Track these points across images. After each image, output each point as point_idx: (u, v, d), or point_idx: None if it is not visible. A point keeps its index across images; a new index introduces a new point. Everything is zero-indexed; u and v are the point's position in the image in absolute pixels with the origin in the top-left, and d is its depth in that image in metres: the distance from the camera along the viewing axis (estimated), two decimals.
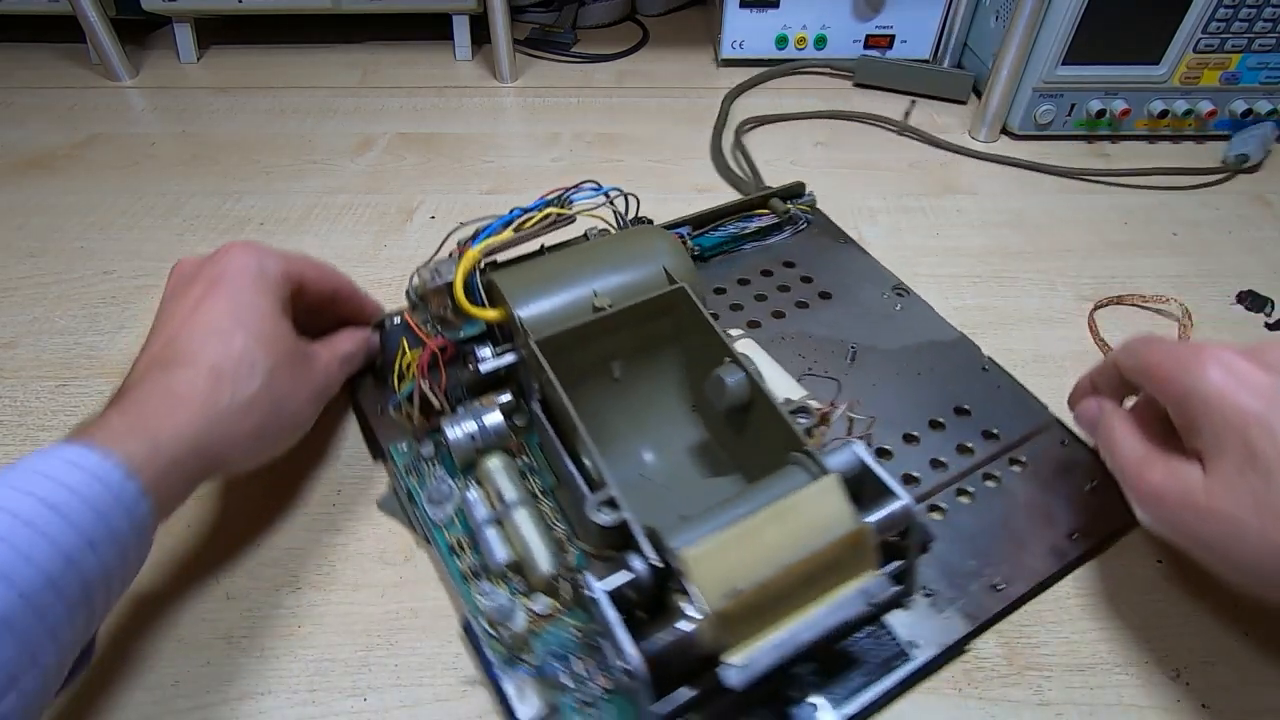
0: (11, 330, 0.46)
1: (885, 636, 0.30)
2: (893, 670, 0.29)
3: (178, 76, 0.73)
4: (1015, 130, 0.63)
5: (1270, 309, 0.48)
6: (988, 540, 0.34)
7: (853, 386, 0.41)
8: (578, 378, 0.33)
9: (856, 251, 0.50)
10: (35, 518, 0.22)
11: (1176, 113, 0.61)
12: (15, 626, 0.21)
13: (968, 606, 0.32)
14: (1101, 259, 0.52)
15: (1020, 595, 0.33)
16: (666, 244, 0.38)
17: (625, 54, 0.77)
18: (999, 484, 0.37)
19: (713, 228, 0.50)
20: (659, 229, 0.39)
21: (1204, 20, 0.56)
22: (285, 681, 0.31)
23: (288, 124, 0.66)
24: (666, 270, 0.36)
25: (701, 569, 0.25)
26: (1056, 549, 0.34)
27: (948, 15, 0.70)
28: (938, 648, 0.30)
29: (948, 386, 0.41)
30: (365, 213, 0.56)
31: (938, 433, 0.39)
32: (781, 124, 0.66)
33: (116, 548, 0.24)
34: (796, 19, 0.71)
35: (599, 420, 0.34)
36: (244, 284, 0.31)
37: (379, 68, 0.75)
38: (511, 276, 0.36)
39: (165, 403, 0.27)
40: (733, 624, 0.25)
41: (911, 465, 0.37)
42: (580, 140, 0.64)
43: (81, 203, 0.56)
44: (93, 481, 0.23)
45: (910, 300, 0.46)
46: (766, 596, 0.25)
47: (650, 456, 0.35)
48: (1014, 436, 0.39)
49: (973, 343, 0.43)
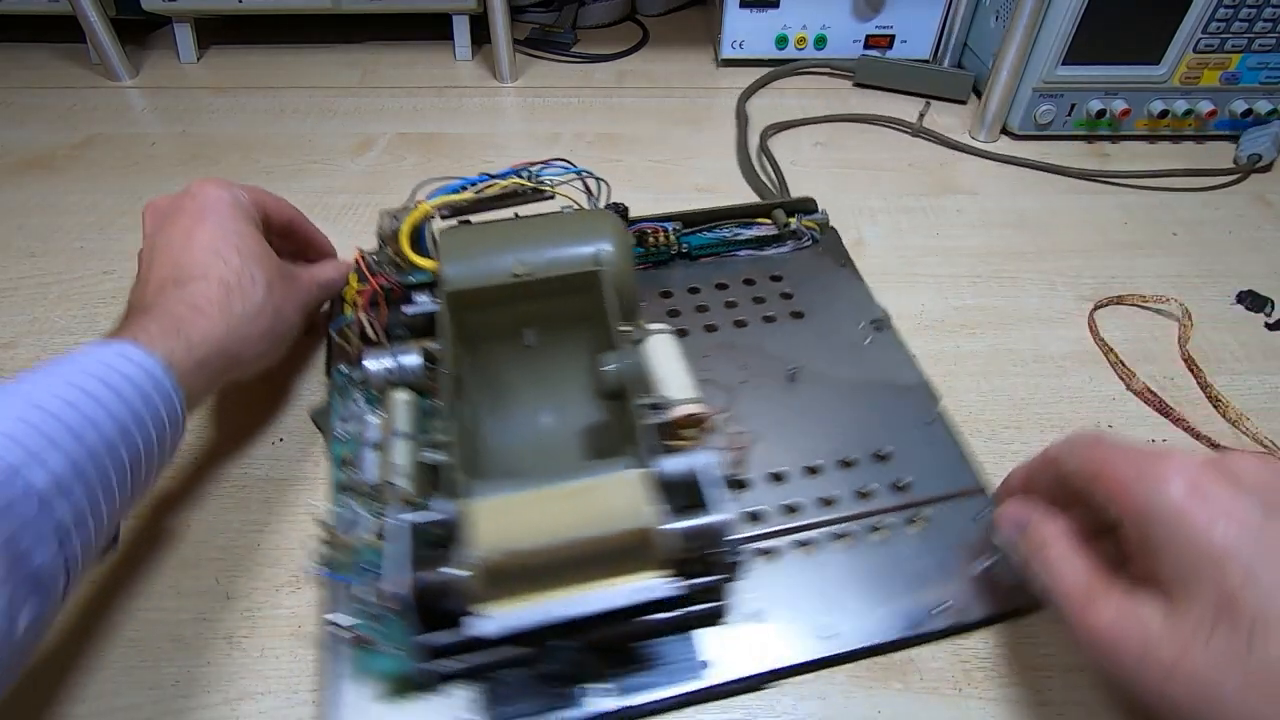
0: (11, 330, 0.46)
1: (687, 649, 0.30)
2: (682, 681, 0.30)
3: (178, 76, 0.73)
4: (1015, 130, 0.63)
5: (1270, 309, 0.48)
6: (841, 588, 0.33)
7: (780, 408, 0.40)
8: (489, 337, 0.37)
9: (851, 278, 0.48)
10: (97, 393, 0.26)
11: (1176, 113, 0.61)
12: (85, 477, 0.25)
13: (789, 645, 0.31)
14: (1102, 259, 0.52)
15: (846, 651, 0.31)
16: (608, 229, 0.38)
17: (625, 54, 0.77)
18: (884, 537, 0.35)
19: (706, 228, 0.50)
20: (607, 214, 0.40)
21: (1204, 20, 0.56)
22: (285, 681, 0.31)
23: (288, 124, 0.66)
24: (595, 254, 0.37)
25: (482, 522, 0.26)
26: (911, 617, 0.32)
27: (948, 15, 0.70)
28: (734, 675, 0.30)
29: (878, 429, 0.39)
30: (365, 213, 0.55)
31: (843, 471, 0.37)
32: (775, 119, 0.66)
33: (157, 430, 0.28)
34: (796, 19, 0.71)
35: (504, 379, 0.37)
36: (226, 213, 0.35)
37: (379, 68, 0.75)
38: (455, 235, 0.39)
39: (190, 312, 0.31)
40: (499, 580, 0.26)
41: (799, 496, 0.36)
42: (580, 140, 0.64)
43: (81, 203, 0.56)
44: (139, 371, 0.28)
45: (884, 337, 0.44)
46: (538, 563, 0.26)
47: (548, 420, 0.37)
48: (924, 495, 0.36)
49: (933, 393, 0.41)
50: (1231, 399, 0.41)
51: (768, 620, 0.32)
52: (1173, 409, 0.41)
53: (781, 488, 0.37)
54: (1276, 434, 0.39)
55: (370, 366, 0.36)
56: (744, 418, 0.39)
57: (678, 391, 0.34)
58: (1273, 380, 0.43)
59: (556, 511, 0.27)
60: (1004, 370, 0.44)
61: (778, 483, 0.37)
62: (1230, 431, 0.40)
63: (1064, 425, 0.41)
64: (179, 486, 0.37)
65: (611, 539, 0.27)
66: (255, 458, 0.39)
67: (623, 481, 0.28)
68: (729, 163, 0.62)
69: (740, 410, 0.40)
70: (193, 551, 0.35)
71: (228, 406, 0.41)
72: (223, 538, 0.35)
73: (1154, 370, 0.43)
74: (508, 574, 0.26)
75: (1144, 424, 0.41)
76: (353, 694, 0.29)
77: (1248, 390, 0.42)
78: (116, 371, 0.27)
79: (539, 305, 0.37)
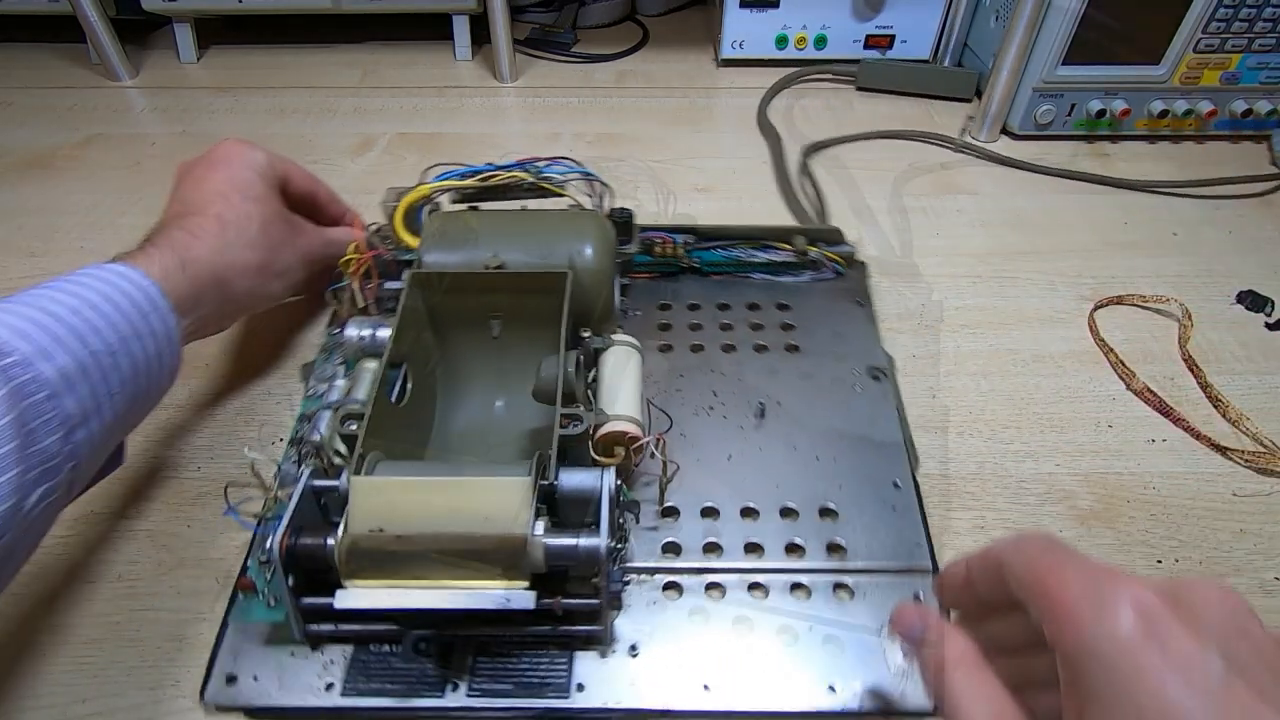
0: None
1: (564, 669, 0.30)
2: (546, 697, 0.29)
3: (178, 76, 0.73)
4: (1015, 130, 0.63)
5: (1270, 309, 0.48)
6: (739, 642, 0.31)
7: (737, 442, 0.38)
8: (457, 322, 0.38)
9: (864, 319, 0.45)
10: (100, 303, 0.29)
11: (1176, 113, 0.61)
12: (90, 376, 0.27)
13: (670, 689, 0.30)
14: (1101, 259, 0.52)
15: (723, 712, 0.29)
16: (591, 233, 0.39)
17: (625, 54, 0.77)
18: (802, 599, 0.32)
19: (721, 245, 0.47)
20: (593, 217, 0.40)
21: (1204, 20, 0.56)
22: None
23: (288, 124, 0.66)
24: (570, 256, 0.37)
25: (360, 498, 0.27)
26: (804, 692, 0.30)
27: (948, 15, 0.70)
28: (602, 701, 0.29)
29: (835, 484, 0.36)
30: (365, 213, 0.55)
31: (782, 520, 0.35)
32: (786, 128, 0.66)
33: (155, 344, 0.30)
34: (796, 19, 0.71)
35: (467, 366, 0.38)
36: (238, 163, 0.38)
37: (379, 68, 0.75)
38: (442, 219, 0.40)
39: (185, 238, 0.34)
40: (364, 557, 0.27)
41: (727, 537, 0.34)
42: (580, 140, 0.64)
43: (81, 203, 0.56)
44: (136, 290, 0.30)
45: (877, 387, 0.41)
46: (405, 549, 0.27)
47: (502, 411, 0.38)
48: (859, 563, 0.33)
49: (912, 456, 0.38)
50: (1231, 399, 0.41)
51: (650, 658, 0.31)
52: (1173, 409, 0.41)
53: (710, 524, 0.35)
54: (1277, 434, 0.40)
55: (348, 332, 0.37)
56: (695, 446, 0.38)
57: (619, 407, 0.34)
58: (1273, 380, 0.43)
59: (433, 503, 0.27)
60: (1004, 370, 0.44)
61: (708, 518, 0.35)
62: (1231, 432, 0.40)
63: (1064, 425, 0.41)
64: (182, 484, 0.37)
65: (479, 539, 0.27)
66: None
67: (506, 486, 0.28)
68: (729, 163, 0.62)
69: (696, 438, 0.38)
70: (193, 552, 0.35)
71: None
72: (223, 538, 0.35)
73: (1154, 370, 0.43)
74: (372, 553, 0.27)
75: (1144, 424, 0.41)
76: (239, 634, 0.31)
77: (1248, 390, 0.42)
78: (117, 288, 0.30)
79: (508, 299, 0.37)
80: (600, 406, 0.34)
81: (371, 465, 0.29)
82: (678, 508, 0.35)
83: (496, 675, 0.30)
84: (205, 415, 0.41)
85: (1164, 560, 0.35)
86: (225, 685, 0.30)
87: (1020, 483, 0.38)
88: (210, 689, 0.29)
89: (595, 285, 0.38)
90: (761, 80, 0.72)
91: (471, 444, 0.37)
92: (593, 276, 0.38)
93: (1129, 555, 0.35)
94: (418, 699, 0.29)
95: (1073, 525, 0.36)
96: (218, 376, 0.43)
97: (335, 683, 0.30)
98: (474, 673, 0.30)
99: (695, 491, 0.36)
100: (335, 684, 0.30)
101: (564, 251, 0.38)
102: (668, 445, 0.34)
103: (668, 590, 0.33)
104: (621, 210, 0.45)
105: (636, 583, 0.33)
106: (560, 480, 0.29)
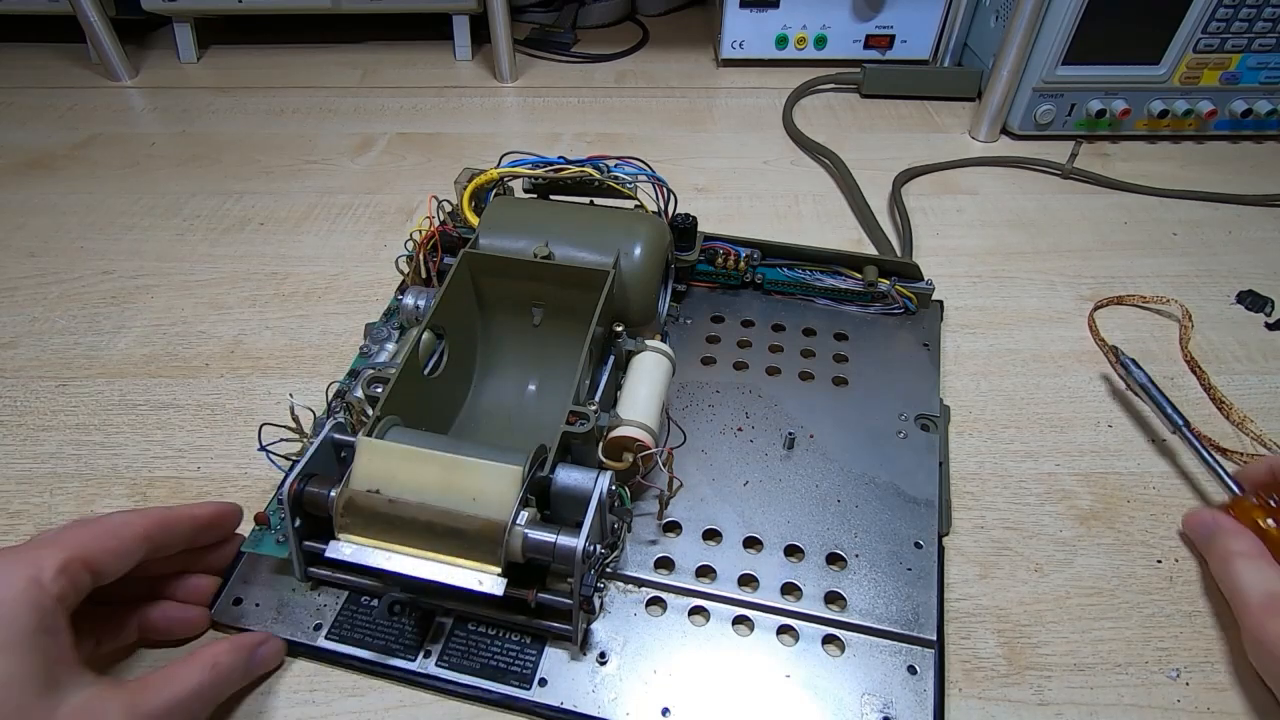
0: (11, 330, 0.46)
1: (531, 660, 0.30)
2: (504, 683, 0.30)
3: (178, 76, 0.73)
4: (1015, 130, 0.63)
5: (1270, 309, 0.48)
6: (714, 673, 0.30)
7: (758, 470, 0.37)
8: (501, 305, 0.39)
9: (925, 364, 0.42)
10: None
11: (1176, 113, 0.61)
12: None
13: (625, 701, 0.29)
14: (1101, 259, 0.52)
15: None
16: (643, 234, 0.38)
17: (625, 54, 0.77)
18: (789, 644, 0.31)
19: (788, 264, 0.46)
20: (647, 219, 0.40)
21: (1204, 20, 0.56)
22: (285, 681, 0.31)
23: (288, 124, 0.66)
24: (619, 255, 0.37)
25: (364, 459, 0.28)
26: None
27: (948, 15, 0.70)
28: (558, 701, 0.29)
29: (851, 531, 0.34)
30: (365, 213, 0.56)
31: (787, 559, 0.33)
32: (791, 130, 0.66)
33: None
34: (796, 19, 0.71)
35: (504, 348, 0.39)
36: (7, 609, 0.25)
37: (379, 68, 0.75)
38: (503, 205, 0.41)
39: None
40: (357, 514, 0.28)
41: (724, 564, 0.33)
42: (581, 140, 0.64)
43: (81, 203, 0.56)
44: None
45: (924, 439, 0.38)
46: (395, 513, 0.28)
47: (533, 390, 0.39)
48: (859, 619, 0.31)
49: (944, 517, 0.35)
50: (1232, 400, 0.41)
51: (617, 668, 0.30)
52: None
53: (709, 547, 0.34)
54: (1277, 434, 0.40)
55: (405, 299, 0.39)
56: (713, 465, 0.37)
57: (635, 413, 0.33)
58: (1273, 380, 0.43)
59: (429, 475, 0.28)
60: (1004, 370, 0.44)
61: (708, 541, 0.34)
62: (1233, 433, 0.40)
63: (1064, 425, 0.41)
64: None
65: (463, 518, 0.27)
66: None
67: (498, 472, 0.28)
68: (729, 163, 0.62)
69: (716, 457, 0.37)
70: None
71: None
72: None
73: (1154, 370, 0.43)
74: (365, 512, 0.28)
75: (1144, 424, 0.41)
76: (252, 565, 0.33)
77: (1248, 390, 0.42)
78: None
79: (551, 289, 0.38)
80: (616, 410, 0.34)
81: (384, 429, 0.30)
82: (680, 524, 0.35)
83: (468, 652, 0.31)
84: (205, 415, 0.41)
85: (1164, 560, 0.35)
86: (231, 605, 0.32)
87: (1020, 482, 0.38)
88: (217, 606, 0.32)
89: (638, 286, 0.37)
90: (762, 80, 0.72)
91: (498, 428, 0.37)
92: (637, 278, 0.37)
93: (1129, 555, 0.35)
94: (392, 658, 0.31)
95: (1073, 525, 0.36)
96: (218, 376, 0.43)
97: (324, 625, 0.32)
98: (448, 644, 0.31)
99: (701, 511, 0.35)
100: (323, 626, 0.32)
101: (613, 249, 0.38)
102: (681, 461, 0.35)
103: (651, 605, 0.32)
104: (685, 216, 0.43)
105: (622, 592, 0.33)
106: (556, 476, 0.29)
